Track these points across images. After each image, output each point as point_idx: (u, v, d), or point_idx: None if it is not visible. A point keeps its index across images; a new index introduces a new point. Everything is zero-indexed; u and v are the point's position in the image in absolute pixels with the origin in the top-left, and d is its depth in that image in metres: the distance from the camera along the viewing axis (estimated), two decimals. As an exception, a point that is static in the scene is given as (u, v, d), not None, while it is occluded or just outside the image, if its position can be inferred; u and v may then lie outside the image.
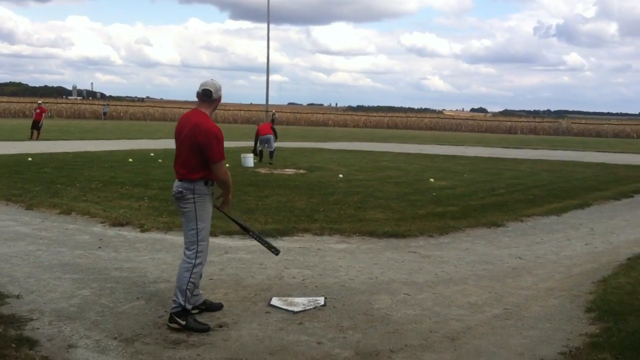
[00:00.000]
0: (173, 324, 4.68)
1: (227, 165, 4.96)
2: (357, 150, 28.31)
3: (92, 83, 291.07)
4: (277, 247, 5.44)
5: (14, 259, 6.66)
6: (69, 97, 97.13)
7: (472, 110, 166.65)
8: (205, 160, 4.75)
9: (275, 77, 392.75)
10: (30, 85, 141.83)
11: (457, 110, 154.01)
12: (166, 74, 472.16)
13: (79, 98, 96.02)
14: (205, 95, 4.87)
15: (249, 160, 18.12)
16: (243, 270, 6.51)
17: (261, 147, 19.42)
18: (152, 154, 20.36)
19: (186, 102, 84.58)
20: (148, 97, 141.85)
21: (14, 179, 12.85)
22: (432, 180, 15.28)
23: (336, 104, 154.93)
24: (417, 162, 21.70)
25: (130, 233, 8.21)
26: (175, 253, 6.91)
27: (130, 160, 18.22)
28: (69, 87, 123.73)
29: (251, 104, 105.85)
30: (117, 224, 8.66)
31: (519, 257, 7.53)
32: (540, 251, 7.94)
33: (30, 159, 17.25)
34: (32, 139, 26.96)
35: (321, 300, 5.52)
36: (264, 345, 4.45)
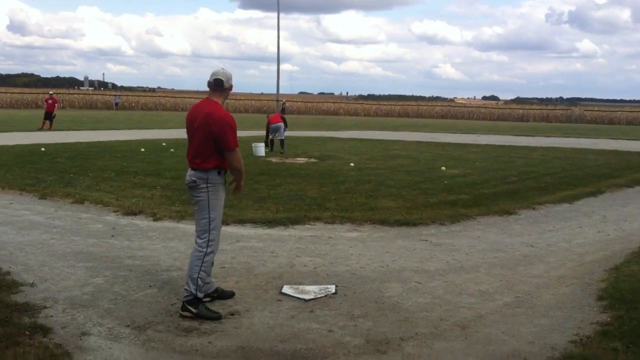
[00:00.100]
0: (185, 312, 4.73)
1: (240, 154, 4.97)
2: (368, 139, 28.25)
3: (103, 74, 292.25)
4: None
5: (28, 248, 6.73)
6: (81, 88, 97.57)
7: (484, 98, 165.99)
8: (218, 149, 4.77)
9: (286, 67, 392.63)
10: (42, 76, 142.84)
11: (468, 98, 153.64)
12: (177, 64, 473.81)
13: (90, 89, 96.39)
14: (216, 84, 4.89)
15: (261, 149, 18.13)
16: (254, 259, 6.55)
17: (272, 136, 19.41)
18: (164, 144, 20.43)
19: (197, 92, 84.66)
20: (159, 88, 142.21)
21: (28, 168, 12.97)
22: (443, 168, 15.25)
23: (347, 93, 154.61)
24: (429, 151, 21.63)
25: (142, 222, 8.27)
26: (187, 241, 6.95)
27: (143, 149, 18.30)
28: (81, 78, 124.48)
29: (262, 93, 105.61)
30: (129, 212, 8.72)
31: (531, 245, 7.51)
32: (552, 239, 7.91)
33: (43, 149, 17.37)
34: (42, 129, 27.08)
35: (332, 288, 5.55)
36: (275, 333, 4.48)
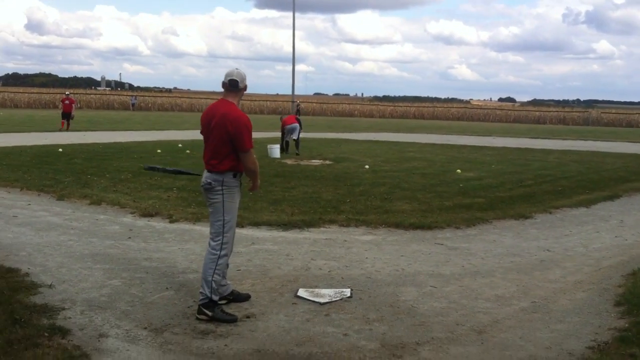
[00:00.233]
0: (201, 316, 4.76)
1: (255, 155, 4.99)
2: (383, 140, 28.21)
3: (120, 74, 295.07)
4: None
5: (46, 249, 6.81)
6: (98, 88, 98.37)
7: (500, 99, 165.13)
8: (234, 149, 4.80)
9: (301, 67, 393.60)
10: (59, 76, 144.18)
11: (484, 99, 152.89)
12: (193, 64, 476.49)
13: (107, 89, 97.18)
14: (231, 85, 4.92)
15: (276, 151, 18.15)
16: (270, 261, 6.57)
17: (287, 138, 19.45)
18: (180, 145, 20.54)
19: (213, 92, 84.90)
20: (175, 88, 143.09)
21: (46, 169, 13.10)
22: (459, 171, 15.19)
23: (362, 94, 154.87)
24: (444, 153, 21.56)
25: (159, 223, 8.33)
26: (203, 244, 6.97)
27: (159, 151, 18.41)
28: (98, 78, 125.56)
29: (277, 94, 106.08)
30: (146, 214, 8.78)
31: (547, 250, 7.47)
32: (568, 244, 7.87)
33: (60, 149, 17.53)
34: (62, 129, 27.36)
35: (347, 291, 5.55)
36: (291, 336, 4.50)
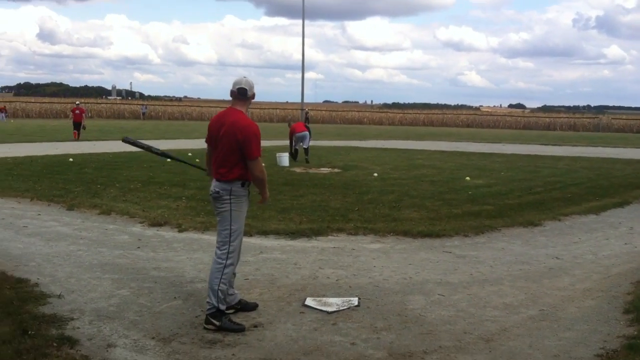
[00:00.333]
0: (209, 325, 4.77)
1: (263, 164, 5.02)
2: (392, 148, 28.20)
3: (131, 83, 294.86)
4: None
5: (55, 259, 6.85)
6: (109, 97, 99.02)
7: (510, 106, 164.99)
8: (243, 157, 4.82)
9: (311, 75, 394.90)
10: (70, 85, 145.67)
11: (494, 106, 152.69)
12: (203, 72, 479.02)
13: (118, 98, 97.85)
14: (240, 93, 4.96)
15: (285, 159, 18.19)
16: (278, 270, 6.58)
17: (297, 146, 19.50)
18: (189, 154, 20.58)
19: (223, 100, 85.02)
20: (185, 97, 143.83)
21: (56, 179, 13.20)
22: (468, 178, 15.16)
23: (371, 102, 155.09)
24: (453, 160, 21.52)
25: (168, 233, 8.36)
26: (211, 253, 6.90)
27: (169, 160, 18.45)
28: (109, 87, 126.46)
29: (287, 102, 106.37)
30: (155, 224, 8.82)
31: (556, 257, 7.44)
32: (578, 251, 7.83)
33: (71, 159, 17.67)
34: (76, 139, 27.55)
35: (355, 300, 5.55)
36: (298, 345, 4.51)
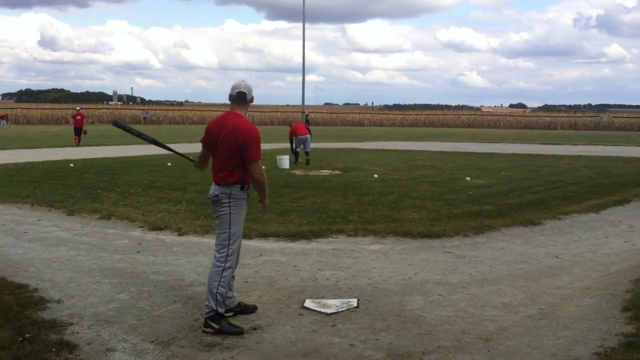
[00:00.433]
0: (208, 329, 4.78)
1: (263, 167, 5.03)
2: (392, 149, 28.21)
3: (132, 88, 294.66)
4: (191, 158, 5.63)
5: (55, 264, 6.86)
6: (110, 103, 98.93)
7: (511, 106, 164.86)
8: (243, 161, 4.84)
9: (311, 77, 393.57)
10: (72, 91, 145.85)
11: (495, 106, 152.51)
12: (204, 76, 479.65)
13: (119, 103, 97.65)
14: (239, 97, 4.98)
15: (285, 162, 18.24)
16: (277, 273, 6.59)
17: (298, 148, 19.53)
18: (190, 158, 20.60)
19: (224, 104, 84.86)
20: (186, 101, 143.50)
21: (57, 184, 13.22)
22: (468, 178, 15.16)
23: (372, 103, 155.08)
24: (453, 161, 21.53)
25: (168, 237, 8.37)
26: (211, 256, 6.98)
27: (169, 164, 18.50)
28: (110, 92, 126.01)
29: (287, 104, 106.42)
30: (155, 228, 8.83)
31: (556, 256, 7.44)
32: (577, 249, 7.83)
33: (72, 164, 17.69)
34: (77, 145, 27.64)
35: (354, 302, 5.56)
36: (297, 347, 4.51)
